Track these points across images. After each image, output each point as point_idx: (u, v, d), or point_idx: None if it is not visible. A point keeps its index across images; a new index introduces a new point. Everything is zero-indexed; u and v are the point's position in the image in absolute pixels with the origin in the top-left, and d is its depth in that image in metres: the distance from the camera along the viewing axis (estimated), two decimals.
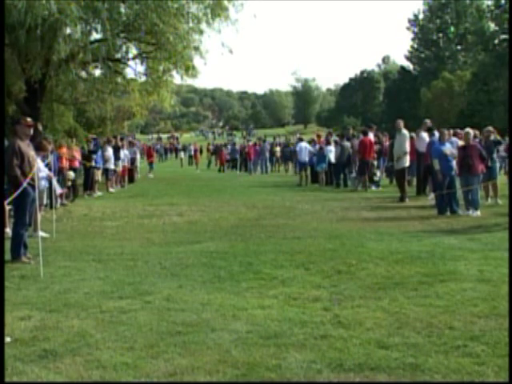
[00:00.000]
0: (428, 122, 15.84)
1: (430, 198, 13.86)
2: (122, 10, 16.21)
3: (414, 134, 16.38)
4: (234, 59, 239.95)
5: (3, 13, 11.30)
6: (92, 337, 4.44)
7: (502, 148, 14.60)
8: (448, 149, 12.05)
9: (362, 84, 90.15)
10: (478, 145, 12.25)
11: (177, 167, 41.83)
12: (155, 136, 79.03)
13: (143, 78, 19.03)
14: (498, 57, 51.89)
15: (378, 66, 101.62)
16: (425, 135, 15.12)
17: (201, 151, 43.35)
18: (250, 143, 38.11)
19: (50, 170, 10.58)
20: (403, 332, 4.45)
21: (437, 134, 13.64)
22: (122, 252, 8.06)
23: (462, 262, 6.89)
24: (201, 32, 17.39)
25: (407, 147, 14.52)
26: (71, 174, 15.19)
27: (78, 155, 16.48)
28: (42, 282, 6.29)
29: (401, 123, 14.89)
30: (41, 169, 9.50)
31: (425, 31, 70.43)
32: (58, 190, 11.80)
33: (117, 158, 19.83)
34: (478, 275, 6.22)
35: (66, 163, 14.46)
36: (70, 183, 15.26)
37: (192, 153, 45.35)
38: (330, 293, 5.67)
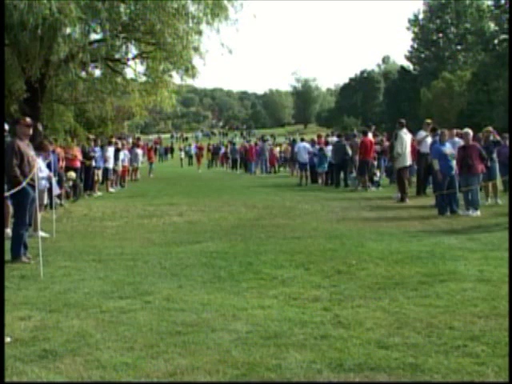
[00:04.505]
0: (429, 122, 15.82)
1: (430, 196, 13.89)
2: (122, 10, 16.19)
3: (423, 133, 16.26)
4: (233, 59, 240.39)
5: (3, 13, 11.30)
6: (92, 337, 4.43)
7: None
8: (448, 149, 12.05)
9: (362, 84, 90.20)
10: (478, 145, 12.26)
11: (177, 167, 41.86)
12: (155, 136, 79.04)
13: (143, 78, 19.03)
14: (498, 57, 51.91)
15: (378, 66, 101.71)
16: (425, 135, 15.10)
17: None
18: (251, 143, 38.10)
19: (50, 170, 10.58)
20: (403, 332, 4.45)
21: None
22: (121, 252, 8.06)
23: (461, 262, 6.89)
24: (200, 32, 17.37)
25: (400, 148, 14.43)
26: (72, 174, 15.19)
27: (79, 155, 16.48)
28: (41, 282, 6.29)
29: (399, 124, 14.92)
30: (41, 169, 9.51)
31: (425, 31, 70.43)
32: (56, 190, 11.79)
33: (117, 158, 19.85)
34: (478, 275, 6.22)
35: (62, 163, 14.42)
36: (70, 183, 15.25)
37: (192, 153, 45.41)
38: (330, 293, 5.67)
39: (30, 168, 7.49)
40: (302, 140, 24.92)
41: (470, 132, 12.05)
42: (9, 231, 8.55)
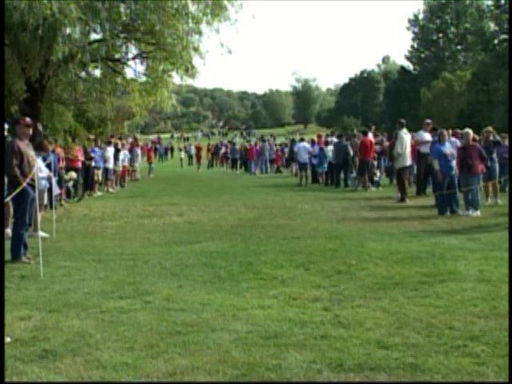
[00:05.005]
0: (429, 121, 15.81)
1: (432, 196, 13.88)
2: (122, 10, 16.18)
3: (423, 133, 16.25)
4: (233, 59, 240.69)
5: (3, 13, 11.29)
6: (92, 337, 4.43)
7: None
8: (448, 149, 12.05)
9: (362, 84, 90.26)
10: (478, 145, 12.26)
11: (177, 167, 41.86)
12: (155, 136, 79.12)
13: (143, 78, 19.01)
14: (498, 57, 51.88)
15: (378, 66, 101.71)
16: (426, 135, 15.12)
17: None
18: (252, 143, 38.13)
19: (50, 170, 10.58)
20: (403, 332, 4.45)
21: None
22: (121, 252, 8.06)
23: (462, 262, 6.89)
24: (200, 32, 17.36)
25: (400, 149, 14.40)
26: (73, 174, 15.19)
27: (80, 155, 16.49)
28: (41, 282, 6.29)
29: (400, 124, 14.92)
30: (41, 169, 9.51)
31: (425, 31, 70.43)
32: (56, 190, 11.80)
33: (117, 158, 19.85)
34: (478, 275, 6.22)
35: (62, 163, 14.42)
36: (72, 183, 15.26)
37: (192, 153, 45.41)
38: (330, 293, 5.67)
39: (30, 168, 7.49)
40: (302, 140, 24.92)
41: (470, 132, 12.04)
42: (9, 231, 8.56)
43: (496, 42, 58.20)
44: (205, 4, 16.86)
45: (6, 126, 8.98)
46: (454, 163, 11.91)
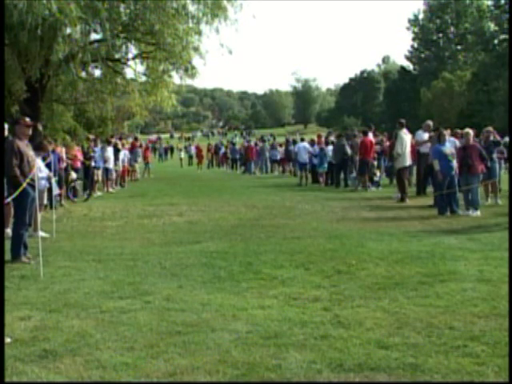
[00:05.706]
0: (430, 123, 15.80)
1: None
2: (122, 10, 16.20)
3: (422, 133, 16.24)
4: (233, 59, 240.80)
5: (3, 13, 11.29)
6: (92, 337, 4.43)
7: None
8: (448, 149, 12.05)
9: (362, 84, 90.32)
10: (478, 145, 12.26)
11: (177, 167, 41.85)
12: (155, 136, 79.23)
13: (143, 78, 19.04)
14: (498, 57, 51.95)
15: (378, 66, 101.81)
16: (425, 135, 15.12)
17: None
18: (252, 143, 38.07)
19: (50, 170, 10.58)
20: (403, 332, 4.45)
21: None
22: (121, 252, 8.06)
23: (461, 262, 6.89)
24: (200, 32, 17.38)
25: (400, 149, 14.39)
26: (73, 174, 15.20)
27: (79, 155, 16.49)
28: (41, 282, 6.29)
29: (400, 124, 14.91)
30: (41, 169, 9.51)
31: (425, 31, 70.46)
32: (56, 190, 11.80)
33: (117, 158, 19.85)
34: (478, 275, 6.22)
35: (62, 163, 14.43)
36: (74, 183, 15.28)
37: (192, 153, 45.42)
38: (330, 293, 5.67)
39: (30, 168, 7.49)
40: (302, 140, 24.90)
41: (471, 132, 12.04)
42: (9, 231, 8.55)
43: (496, 41, 58.28)
44: (205, 4, 16.88)
45: (6, 126, 8.97)
46: (454, 163, 11.90)
